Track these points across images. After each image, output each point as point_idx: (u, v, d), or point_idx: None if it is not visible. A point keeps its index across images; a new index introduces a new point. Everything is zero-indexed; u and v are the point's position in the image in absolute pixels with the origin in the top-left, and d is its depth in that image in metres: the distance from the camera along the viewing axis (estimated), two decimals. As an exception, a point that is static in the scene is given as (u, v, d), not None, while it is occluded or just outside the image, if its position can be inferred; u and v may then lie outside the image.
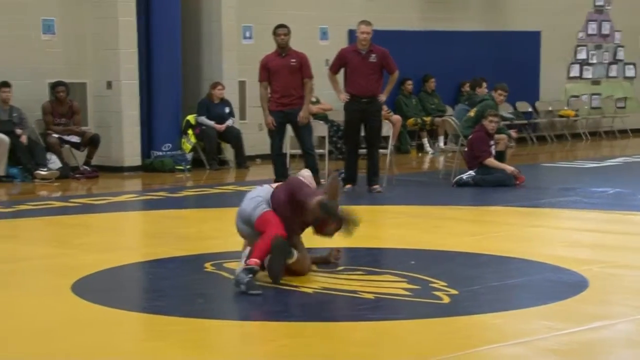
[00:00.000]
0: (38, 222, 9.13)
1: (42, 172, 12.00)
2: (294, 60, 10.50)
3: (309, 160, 10.46)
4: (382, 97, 10.70)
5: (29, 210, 9.63)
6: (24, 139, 12.20)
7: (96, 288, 6.22)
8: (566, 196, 10.37)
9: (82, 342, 5.02)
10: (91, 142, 12.67)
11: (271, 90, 10.53)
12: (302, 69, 10.52)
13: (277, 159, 10.60)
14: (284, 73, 10.38)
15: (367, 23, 10.73)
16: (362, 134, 10.86)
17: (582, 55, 18.70)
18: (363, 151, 10.92)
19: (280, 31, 10.51)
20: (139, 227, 9.37)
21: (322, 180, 10.20)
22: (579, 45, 18.65)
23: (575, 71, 18.68)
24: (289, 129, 10.78)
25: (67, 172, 12.34)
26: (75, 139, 12.65)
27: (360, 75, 10.50)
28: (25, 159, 12.06)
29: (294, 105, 10.43)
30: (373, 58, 10.56)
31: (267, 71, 10.50)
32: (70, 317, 5.49)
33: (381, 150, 11.14)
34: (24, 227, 9.00)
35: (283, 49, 10.54)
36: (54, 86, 12.58)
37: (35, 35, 12.70)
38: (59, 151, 12.51)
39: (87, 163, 12.66)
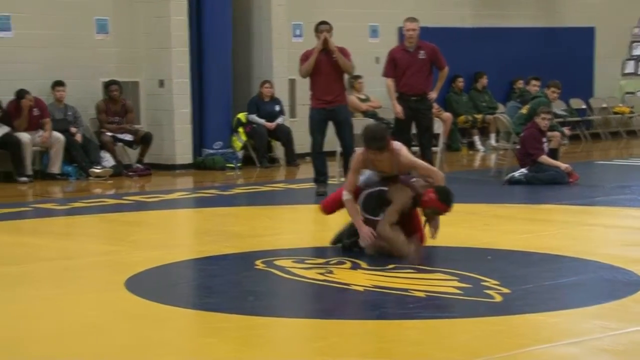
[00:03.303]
0: (92, 219, 9.25)
1: (96, 170, 12.16)
2: (334, 55, 10.37)
3: (348, 158, 10.37)
4: (433, 95, 10.61)
5: (83, 208, 9.76)
6: (78, 137, 12.37)
7: (149, 285, 6.27)
8: (621, 194, 10.22)
9: (135, 338, 5.07)
10: (143, 140, 12.80)
11: (312, 87, 10.38)
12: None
13: (318, 157, 10.39)
14: (328, 69, 10.20)
15: (413, 20, 10.63)
16: (413, 132, 10.81)
17: (637, 51, 18.39)
18: (414, 149, 10.85)
19: (323, 28, 10.33)
20: (190, 225, 9.44)
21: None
22: (633, 41, 18.35)
23: (630, 67, 18.39)
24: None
25: (120, 170, 12.48)
26: (128, 137, 12.79)
27: (409, 73, 10.40)
28: (80, 157, 12.22)
29: (337, 103, 10.25)
30: (422, 55, 10.47)
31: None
32: (124, 314, 5.55)
33: (432, 148, 11.06)
34: (78, 224, 9.12)
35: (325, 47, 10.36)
36: (108, 85, 12.74)
37: (89, 35, 12.86)
38: (113, 149, 12.66)
39: (139, 161, 12.79)
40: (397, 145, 6.99)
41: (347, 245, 7.08)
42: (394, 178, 6.99)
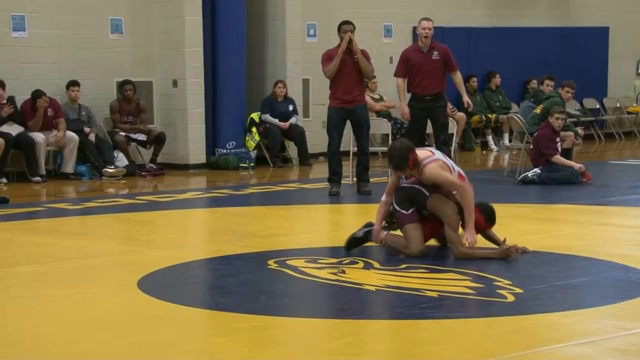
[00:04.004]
0: (105, 219, 9.28)
1: (110, 170, 12.20)
2: (356, 56, 10.39)
3: (363, 159, 10.38)
4: (465, 99, 10.48)
5: (96, 208, 9.80)
6: (92, 137, 12.42)
7: (162, 284, 6.30)
8: (634, 194, 10.19)
9: (148, 338, 5.08)
10: (157, 140, 12.83)
11: (332, 87, 10.38)
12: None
13: (334, 157, 10.38)
14: (348, 69, 10.22)
15: (428, 19, 10.61)
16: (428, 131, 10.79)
17: (651, 50, 18.33)
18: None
19: (346, 27, 10.35)
20: (203, 224, 9.46)
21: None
22: (648, 41, 18.29)
23: (644, 67, 18.33)
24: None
25: (134, 170, 12.51)
26: (141, 137, 12.82)
27: (423, 73, 10.37)
28: (93, 156, 12.27)
29: (356, 103, 10.28)
30: (435, 55, 10.44)
31: (331, 61, 10.31)
32: (137, 313, 5.57)
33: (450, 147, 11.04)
34: (92, 224, 9.16)
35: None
36: (122, 85, 12.79)
37: (104, 35, 12.91)
38: (126, 149, 12.70)
39: (153, 161, 12.82)
40: (427, 159, 6.88)
41: (360, 236, 7.08)
42: (434, 186, 6.93)
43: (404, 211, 6.94)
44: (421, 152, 6.99)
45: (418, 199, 6.94)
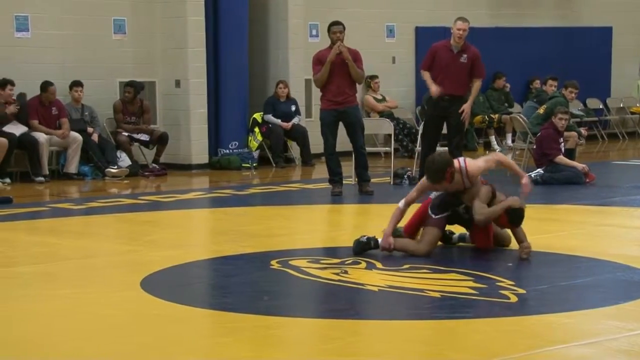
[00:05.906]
0: (108, 219, 9.29)
1: (113, 170, 12.21)
2: (347, 62, 10.30)
3: (360, 159, 10.37)
4: (466, 107, 10.36)
5: (99, 208, 9.81)
6: (95, 137, 12.43)
7: (164, 284, 6.30)
8: (638, 194, 10.17)
9: (151, 338, 5.09)
10: (160, 141, 12.84)
11: (323, 89, 10.26)
12: (356, 64, 10.30)
13: (331, 158, 10.35)
14: (339, 71, 10.17)
15: (464, 20, 10.47)
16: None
17: (655, 51, 18.30)
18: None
19: (336, 29, 10.30)
20: (206, 224, 9.46)
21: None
22: (651, 41, 18.27)
23: (647, 67, 18.30)
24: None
25: (137, 170, 12.52)
26: (144, 137, 12.83)
27: (446, 73, 10.22)
28: (97, 157, 12.28)
29: (348, 104, 10.21)
30: (464, 58, 10.28)
31: (321, 65, 10.31)
32: (140, 313, 5.58)
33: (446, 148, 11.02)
34: (95, 224, 9.17)
35: None
36: (125, 86, 12.81)
37: (107, 35, 12.92)
38: (129, 149, 12.71)
39: (155, 161, 12.83)
40: (462, 162, 7.00)
41: (364, 241, 7.01)
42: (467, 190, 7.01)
43: (433, 215, 6.97)
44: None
45: (455, 198, 6.96)
